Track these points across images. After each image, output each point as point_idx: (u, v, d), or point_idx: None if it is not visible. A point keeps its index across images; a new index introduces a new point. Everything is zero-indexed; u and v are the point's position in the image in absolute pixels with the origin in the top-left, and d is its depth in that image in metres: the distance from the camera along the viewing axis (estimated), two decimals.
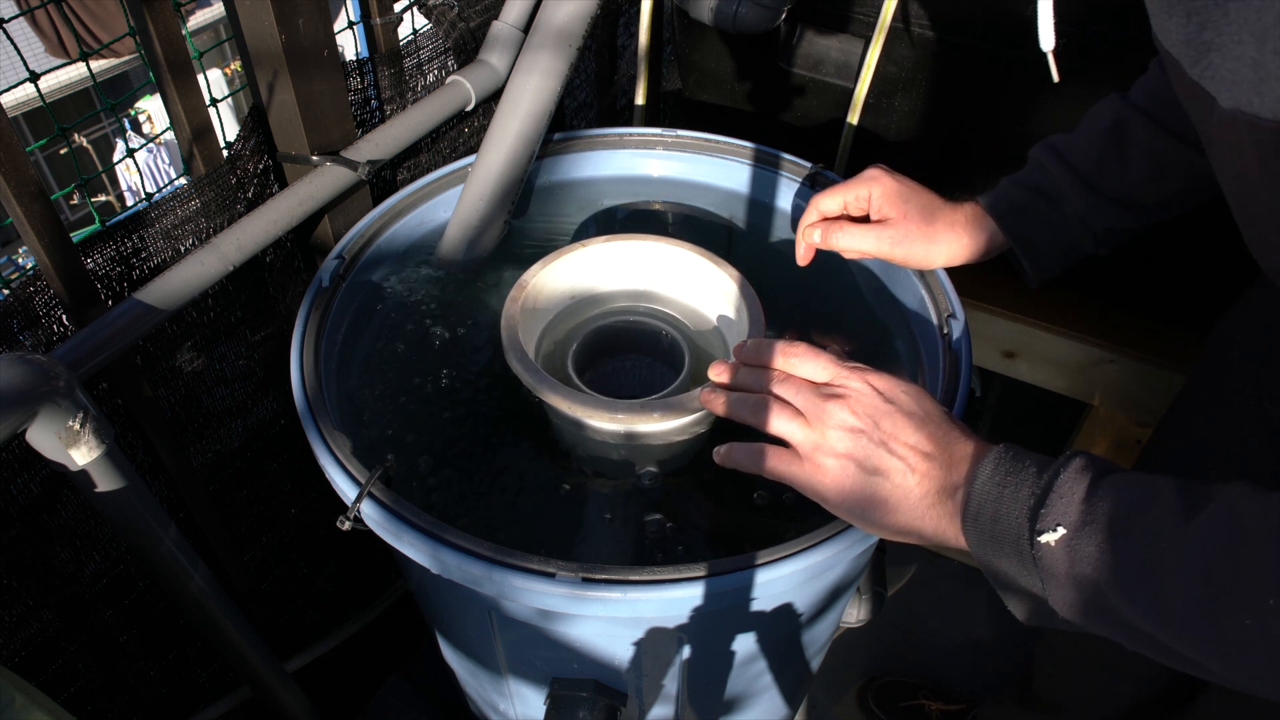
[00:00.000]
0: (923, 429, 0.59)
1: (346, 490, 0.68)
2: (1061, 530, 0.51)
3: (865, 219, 0.86)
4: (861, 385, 0.61)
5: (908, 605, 1.63)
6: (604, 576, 0.62)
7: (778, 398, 0.63)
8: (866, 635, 1.57)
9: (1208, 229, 1.19)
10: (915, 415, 0.60)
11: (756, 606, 0.70)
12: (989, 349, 1.37)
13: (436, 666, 1.43)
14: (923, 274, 0.88)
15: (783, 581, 0.64)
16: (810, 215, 0.87)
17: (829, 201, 0.86)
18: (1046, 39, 0.76)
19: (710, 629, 0.74)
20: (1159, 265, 1.26)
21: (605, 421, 0.74)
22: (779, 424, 0.62)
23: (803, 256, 0.89)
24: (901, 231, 0.83)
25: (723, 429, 0.85)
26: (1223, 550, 0.46)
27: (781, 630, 0.80)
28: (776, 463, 0.62)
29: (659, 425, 0.75)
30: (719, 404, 0.67)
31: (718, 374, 0.69)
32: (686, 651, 0.75)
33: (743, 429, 0.66)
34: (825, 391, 0.62)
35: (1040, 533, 0.52)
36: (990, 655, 1.56)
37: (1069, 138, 0.82)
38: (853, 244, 0.84)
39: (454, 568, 0.63)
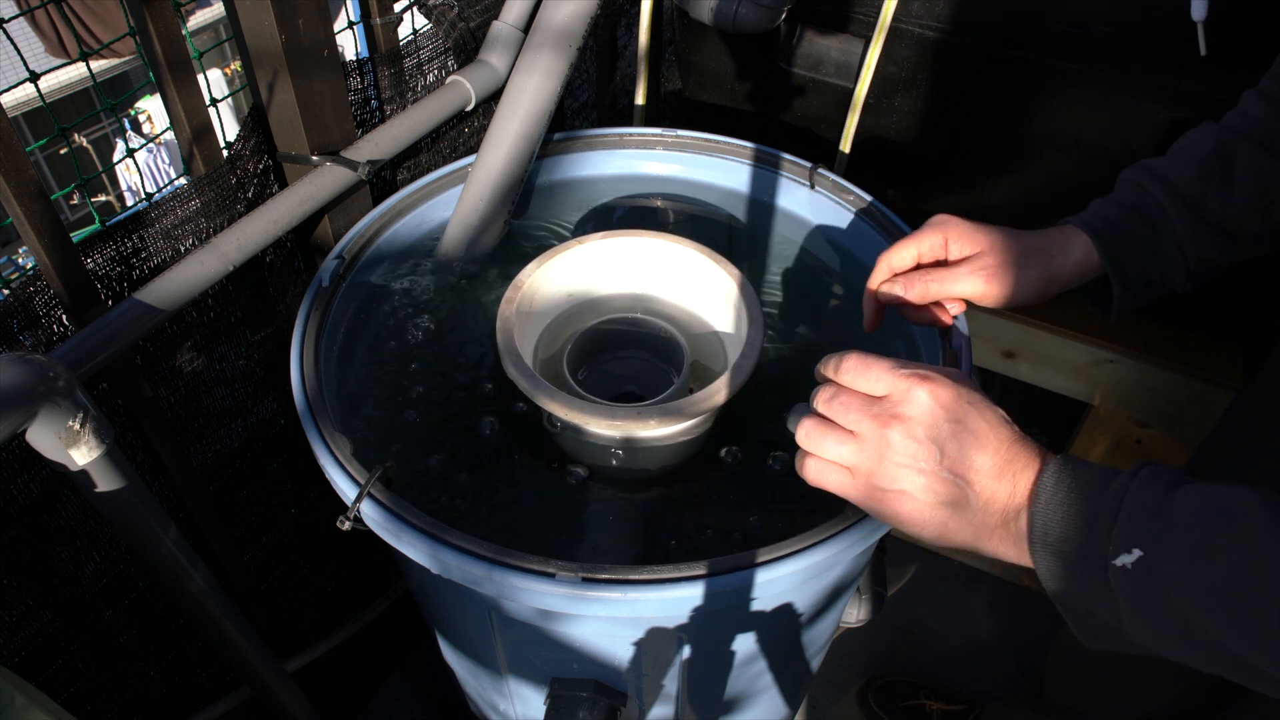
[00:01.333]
0: (987, 447, 0.55)
1: (346, 490, 0.68)
2: (1138, 552, 0.48)
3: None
4: (925, 401, 0.56)
5: (908, 605, 1.63)
6: (604, 576, 0.62)
7: (830, 421, 0.59)
8: (866, 635, 1.57)
9: None
10: (979, 432, 0.55)
11: (756, 606, 0.70)
12: (989, 349, 1.37)
13: (436, 666, 1.43)
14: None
15: (783, 581, 0.64)
16: (881, 272, 0.77)
17: (901, 255, 0.76)
18: (1198, 9, 0.72)
19: (710, 629, 0.74)
20: None
21: (603, 427, 0.74)
22: (832, 451, 0.58)
23: (871, 320, 0.79)
24: (993, 263, 0.73)
25: (721, 431, 0.85)
26: None
27: (781, 630, 0.80)
28: (834, 478, 0.59)
29: (657, 431, 0.75)
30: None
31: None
32: (686, 651, 0.75)
33: (742, 427, 0.66)
34: (883, 411, 0.56)
35: (1115, 555, 0.49)
36: (991, 655, 1.56)
37: (1164, 161, 0.75)
38: (944, 290, 0.74)
39: (454, 568, 0.63)
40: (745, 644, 0.78)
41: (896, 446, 0.55)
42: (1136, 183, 0.75)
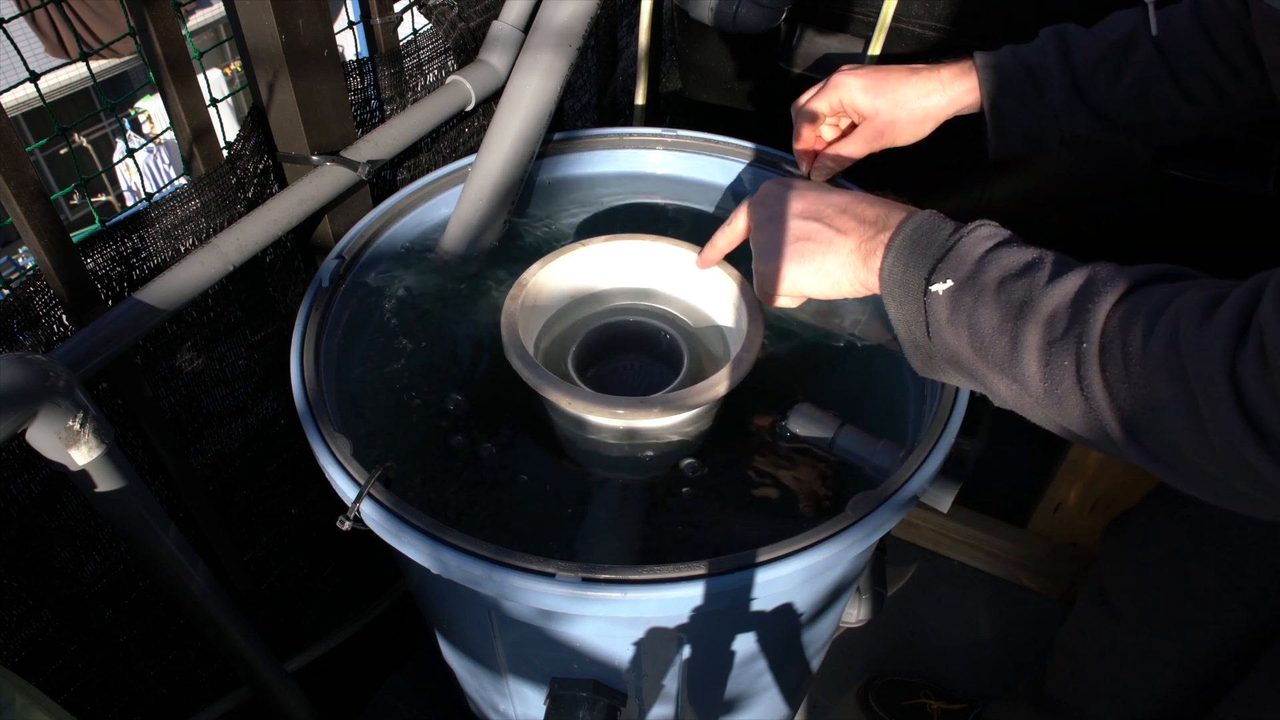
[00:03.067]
0: (855, 205, 0.69)
1: (346, 491, 0.68)
2: (950, 282, 0.60)
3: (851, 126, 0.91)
4: (787, 192, 0.72)
5: (908, 605, 1.63)
6: (604, 576, 0.62)
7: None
8: (866, 635, 1.57)
9: (1208, 228, 1.19)
10: (847, 198, 0.71)
11: (756, 606, 0.70)
12: None
13: (436, 666, 1.43)
14: None
15: (783, 581, 0.64)
16: (803, 139, 0.91)
17: (809, 118, 0.90)
18: None
19: (710, 629, 0.74)
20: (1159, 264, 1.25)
21: (606, 418, 0.74)
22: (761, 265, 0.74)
23: (809, 167, 0.93)
24: (876, 127, 0.87)
25: (724, 425, 0.85)
26: (1066, 305, 0.54)
27: (781, 630, 0.80)
28: (733, 240, 0.78)
29: (660, 421, 0.75)
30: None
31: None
32: (686, 651, 0.75)
33: (740, 430, 0.66)
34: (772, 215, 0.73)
35: (933, 283, 0.60)
36: (991, 654, 1.56)
37: (1080, 35, 0.84)
38: (839, 164, 0.90)
39: (454, 568, 0.63)
40: (745, 644, 0.78)
41: (791, 229, 0.71)
42: (1044, 48, 0.84)
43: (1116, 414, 0.52)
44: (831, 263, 0.69)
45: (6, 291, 0.75)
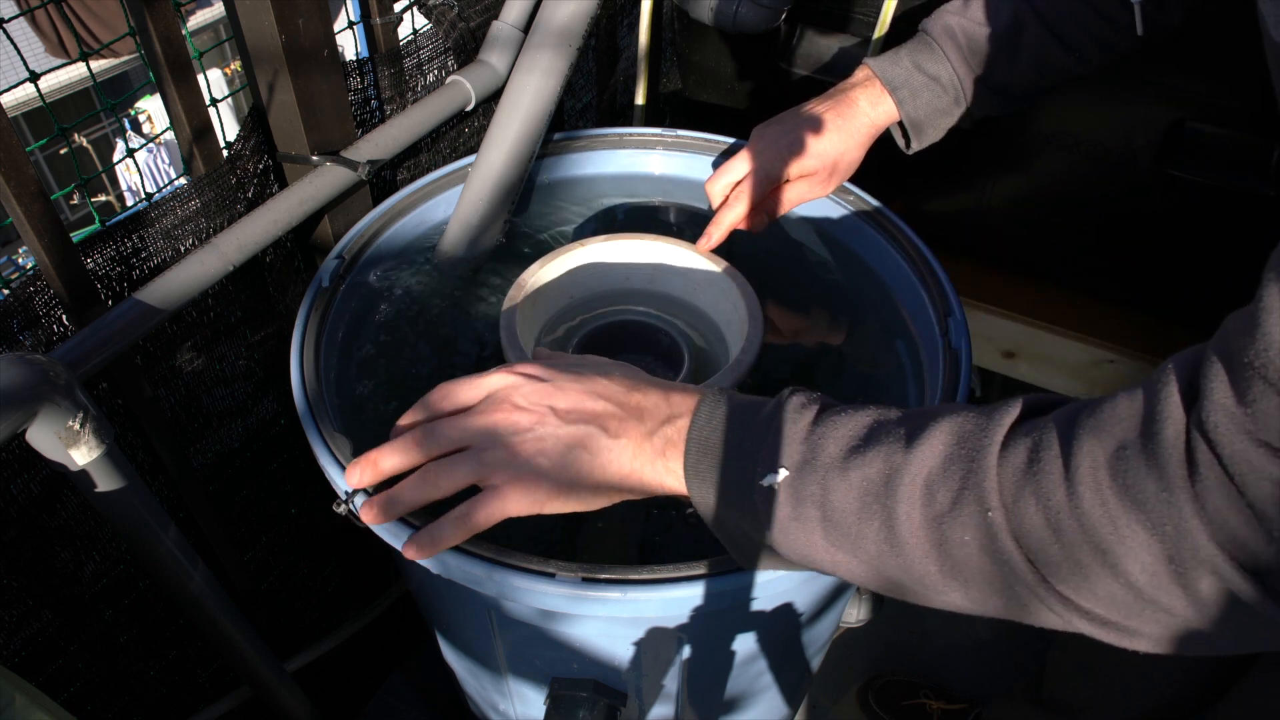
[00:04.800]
0: (599, 387, 0.55)
1: (346, 491, 0.68)
2: (784, 471, 0.50)
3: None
4: (512, 378, 0.56)
5: (908, 605, 1.62)
6: (604, 576, 0.62)
7: (437, 454, 0.56)
8: (866, 635, 1.57)
9: (1208, 228, 1.19)
10: (586, 376, 0.56)
11: (757, 606, 0.70)
12: (989, 349, 1.37)
13: (436, 666, 1.43)
14: (922, 274, 0.88)
15: (783, 581, 0.64)
16: (717, 227, 0.89)
17: (731, 211, 0.89)
18: None
19: (710, 629, 0.74)
20: (1159, 264, 1.26)
21: None
22: (453, 478, 0.55)
23: (717, 242, 0.90)
24: (800, 191, 0.89)
25: None
26: (941, 470, 0.46)
27: (781, 630, 0.80)
28: (484, 511, 0.55)
29: None
30: (373, 513, 0.57)
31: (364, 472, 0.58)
32: (686, 651, 0.75)
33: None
34: (481, 410, 0.55)
35: (763, 475, 0.51)
36: (992, 654, 1.56)
37: (969, 29, 0.87)
38: (779, 213, 0.90)
39: (455, 568, 0.63)
40: (745, 644, 0.78)
41: (501, 430, 0.54)
42: (943, 55, 0.87)
43: (1050, 580, 0.43)
44: (605, 469, 0.55)
45: (6, 291, 0.75)
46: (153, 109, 5.52)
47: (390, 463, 0.58)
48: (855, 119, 0.88)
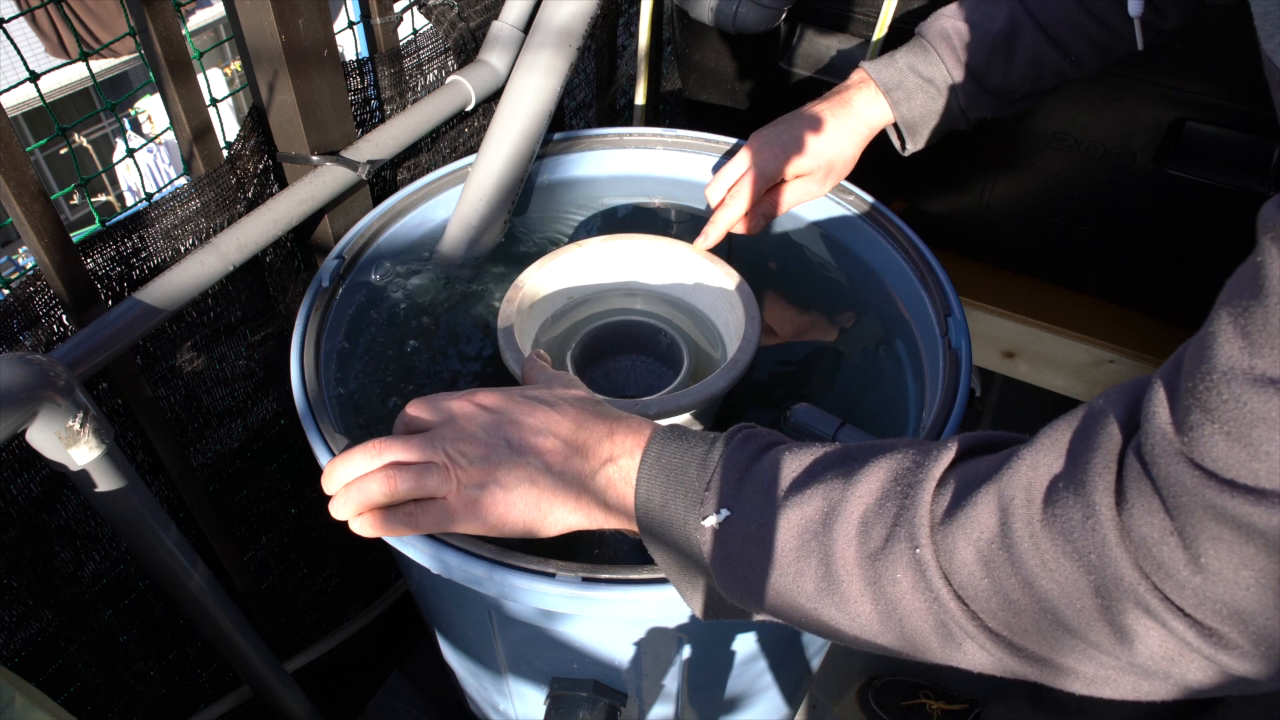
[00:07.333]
0: (550, 423, 0.56)
1: None
2: (725, 512, 0.50)
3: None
4: (470, 408, 0.57)
5: None
6: (604, 576, 0.62)
7: (393, 463, 0.56)
8: None
9: (1208, 228, 1.19)
10: (538, 410, 0.56)
11: None
12: (989, 349, 1.37)
13: (436, 666, 1.43)
14: (922, 274, 0.88)
15: None
16: (714, 227, 0.89)
17: (729, 211, 0.89)
18: (1134, 5, 0.80)
19: (710, 628, 0.74)
20: (1159, 265, 1.26)
21: None
22: (408, 483, 0.55)
23: (715, 241, 0.91)
24: (798, 192, 0.90)
25: (724, 425, 0.85)
26: (876, 505, 0.45)
27: (781, 630, 0.80)
28: (430, 518, 0.55)
29: (658, 421, 0.75)
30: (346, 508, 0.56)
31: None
32: (686, 651, 0.75)
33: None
34: (439, 433, 0.56)
35: (704, 516, 0.50)
36: None
37: (965, 33, 0.88)
38: (776, 214, 0.91)
39: (455, 568, 0.63)
40: (745, 644, 0.78)
41: (455, 446, 0.55)
42: (939, 58, 0.88)
43: (980, 616, 0.43)
44: (551, 503, 0.55)
45: (6, 291, 0.75)
46: (153, 109, 5.52)
47: (350, 471, 0.58)
48: (851, 119, 0.89)
